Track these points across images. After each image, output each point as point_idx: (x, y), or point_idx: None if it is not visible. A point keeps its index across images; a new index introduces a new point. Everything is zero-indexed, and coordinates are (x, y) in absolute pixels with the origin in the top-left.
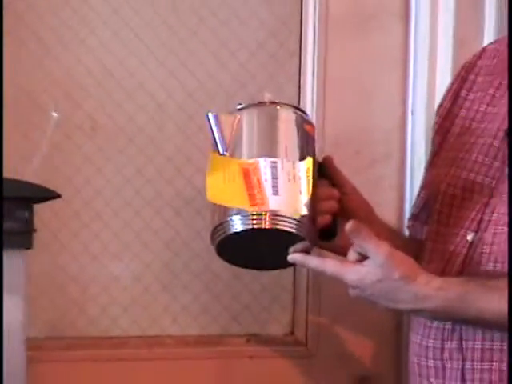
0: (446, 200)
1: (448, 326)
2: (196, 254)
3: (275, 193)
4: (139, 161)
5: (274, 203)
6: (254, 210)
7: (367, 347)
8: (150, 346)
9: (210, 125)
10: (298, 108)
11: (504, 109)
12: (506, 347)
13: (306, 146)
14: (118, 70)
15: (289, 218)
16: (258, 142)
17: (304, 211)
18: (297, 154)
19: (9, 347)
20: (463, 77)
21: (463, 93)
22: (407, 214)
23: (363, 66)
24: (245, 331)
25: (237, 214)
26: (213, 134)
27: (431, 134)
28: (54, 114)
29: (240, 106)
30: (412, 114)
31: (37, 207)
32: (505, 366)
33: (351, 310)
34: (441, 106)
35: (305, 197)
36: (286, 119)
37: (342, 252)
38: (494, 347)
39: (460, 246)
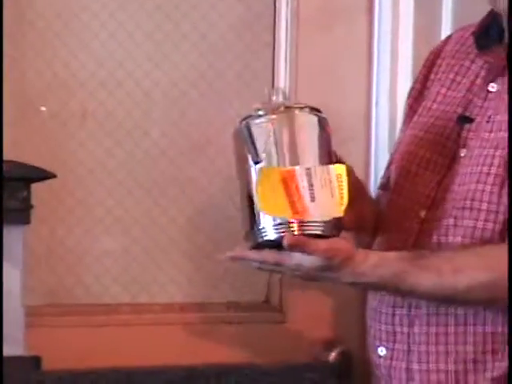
0: (402, 173)
1: None
2: (180, 229)
3: (312, 199)
4: (128, 144)
5: (312, 210)
6: (297, 217)
7: (336, 313)
8: (139, 313)
9: (245, 136)
10: (314, 109)
11: (461, 94)
12: (450, 311)
13: (330, 148)
14: (109, 61)
15: (321, 222)
16: (291, 150)
17: (337, 213)
18: (327, 158)
19: (9, 313)
20: (432, 60)
21: (432, 76)
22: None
23: (332, 56)
24: (225, 299)
25: (277, 222)
26: (249, 145)
27: (402, 114)
28: (43, 109)
29: (261, 112)
30: (376, 104)
31: (35, 186)
32: (451, 330)
33: None
34: (413, 88)
35: (337, 199)
36: (311, 124)
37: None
38: (439, 312)
39: (414, 222)
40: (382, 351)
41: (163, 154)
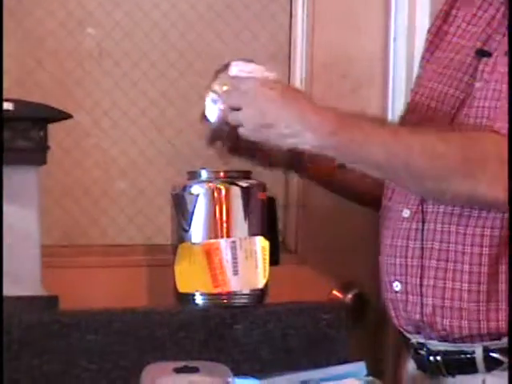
0: (417, 109)
1: (413, 226)
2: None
3: (235, 273)
4: (143, 84)
5: (234, 284)
6: (217, 290)
7: (352, 255)
8: (154, 254)
9: (177, 203)
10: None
11: (481, 28)
12: (460, 249)
13: (262, 215)
14: (126, 1)
15: (244, 294)
16: (217, 222)
17: (260, 284)
18: (255, 227)
19: (26, 253)
20: None
21: (453, 11)
22: None
23: None
24: None
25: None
26: (180, 212)
27: (420, 51)
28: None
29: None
30: (394, 40)
31: (51, 127)
32: (458, 266)
33: (338, 221)
34: (433, 24)
35: (261, 270)
36: (239, 194)
37: None
38: (450, 248)
39: None
40: (397, 286)
41: (179, 95)
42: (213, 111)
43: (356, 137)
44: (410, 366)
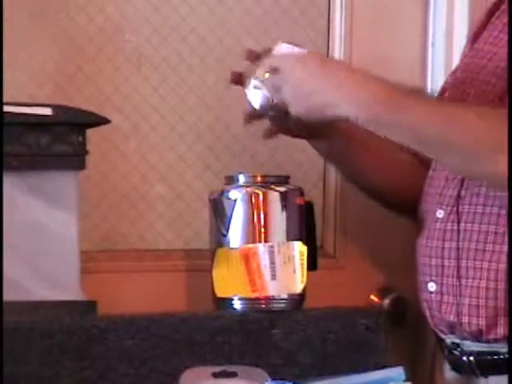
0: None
1: (448, 227)
2: None
3: (273, 278)
4: (182, 89)
5: (272, 289)
6: (255, 295)
7: (390, 259)
8: (191, 258)
9: (215, 208)
10: (284, 178)
11: None
12: (497, 249)
13: (298, 221)
14: (164, 6)
15: (283, 299)
16: (255, 227)
17: (298, 289)
18: (293, 232)
19: (65, 258)
20: (496, 3)
21: (493, 19)
22: None
23: (387, 1)
24: None
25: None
26: (218, 217)
27: (459, 56)
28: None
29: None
30: (432, 46)
31: (89, 132)
32: (494, 266)
33: (376, 225)
34: (477, 28)
35: (298, 275)
36: (277, 199)
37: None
38: (487, 248)
39: None
40: (432, 287)
41: (217, 100)
42: (256, 97)
43: (394, 112)
44: (446, 367)
